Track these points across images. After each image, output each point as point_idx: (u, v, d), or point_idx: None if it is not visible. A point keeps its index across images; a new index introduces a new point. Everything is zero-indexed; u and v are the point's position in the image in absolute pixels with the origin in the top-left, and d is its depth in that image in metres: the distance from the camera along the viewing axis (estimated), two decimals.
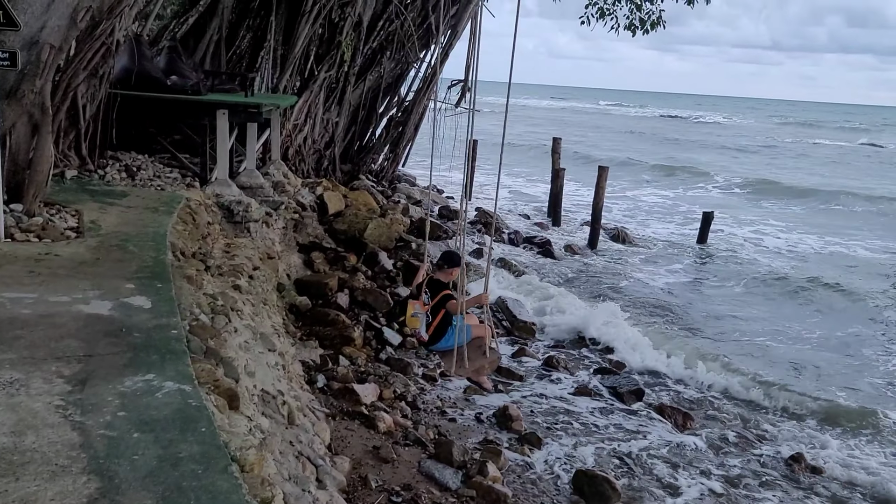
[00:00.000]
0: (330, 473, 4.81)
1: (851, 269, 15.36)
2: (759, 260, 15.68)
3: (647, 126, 60.14)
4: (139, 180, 8.49)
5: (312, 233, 11.21)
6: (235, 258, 7.42)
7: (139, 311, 4.36)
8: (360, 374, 7.33)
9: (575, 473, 5.98)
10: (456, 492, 5.40)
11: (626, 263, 14.49)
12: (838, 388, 8.69)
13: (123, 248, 5.74)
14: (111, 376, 3.43)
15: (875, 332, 11.17)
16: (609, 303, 10.91)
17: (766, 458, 6.88)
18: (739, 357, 9.49)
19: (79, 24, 6.31)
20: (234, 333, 5.07)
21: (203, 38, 12.22)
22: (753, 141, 50.20)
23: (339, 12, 13.41)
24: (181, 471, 2.74)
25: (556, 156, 18.98)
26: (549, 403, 7.60)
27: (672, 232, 18.40)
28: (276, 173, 11.57)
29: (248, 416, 3.89)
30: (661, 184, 27.25)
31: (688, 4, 14.24)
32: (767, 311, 11.97)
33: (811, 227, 20.29)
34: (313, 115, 14.04)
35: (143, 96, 9.02)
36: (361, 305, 9.34)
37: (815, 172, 33.60)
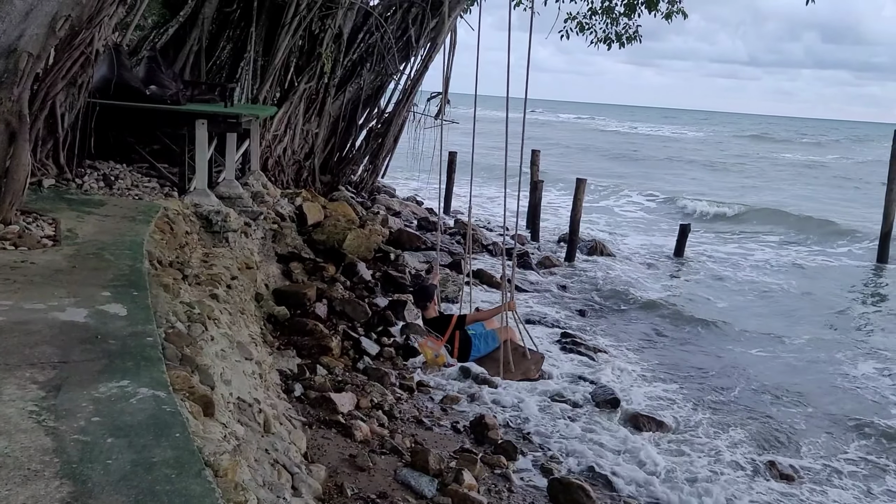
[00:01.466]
0: (306, 481, 4.83)
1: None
2: (741, 272, 15.95)
3: (606, 140, 60.75)
4: (117, 189, 8.48)
5: (291, 243, 11.23)
6: (213, 268, 7.42)
7: (115, 319, 4.37)
8: (337, 384, 7.35)
9: (550, 481, 6.03)
10: (432, 499, 5.43)
11: (605, 276, 14.62)
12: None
13: (100, 256, 5.74)
14: (85, 382, 3.44)
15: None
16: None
17: (743, 463, 6.98)
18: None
19: (58, 32, 6.32)
20: (211, 342, 5.08)
21: (183, 49, 12.25)
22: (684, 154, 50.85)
23: (319, 24, 13.51)
24: (154, 475, 2.76)
25: (534, 168, 19.14)
26: (526, 412, 7.65)
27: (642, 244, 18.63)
28: (256, 184, 11.59)
29: (223, 423, 3.91)
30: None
31: (665, 19, 14.52)
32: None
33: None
34: (293, 126, 14.09)
35: (121, 106, 9.01)
36: (340, 315, 9.37)
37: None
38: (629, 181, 31.66)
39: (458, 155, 19.37)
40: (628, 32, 14.84)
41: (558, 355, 9.56)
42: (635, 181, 31.94)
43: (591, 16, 14.73)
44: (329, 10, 13.46)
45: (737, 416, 8.10)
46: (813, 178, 39.36)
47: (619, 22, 14.74)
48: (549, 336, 10.27)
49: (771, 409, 8.42)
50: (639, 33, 14.86)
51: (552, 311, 11.64)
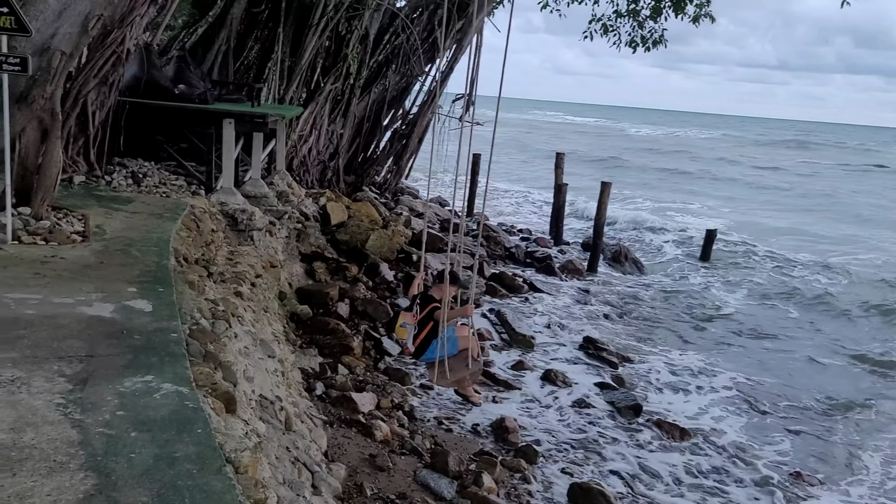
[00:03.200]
0: (325, 480, 4.85)
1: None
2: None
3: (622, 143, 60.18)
4: (145, 187, 8.59)
5: (315, 243, 11.29)
6: (238, 265, 7.49)
7: (140, 315, 4.42)
8: (358, 383, 7.38)
9: (570, 487, 6.00)
10: (451, 501, 5.43)
11: (628, 281, 14.50)
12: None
13: (127, 252, 5.82)
14: (111, 376, 3.49)
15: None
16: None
17: (767, 474, 6.89)
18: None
19: (90, 31, 6.42)
20: (234, 339, 5.12)
21: (212, 49, 12.37)
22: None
23: (345, 25, 13.57)
24: (176, 470, 2.79)
25: (559, 171, 19.01)
26: (547, 417, 7.62)
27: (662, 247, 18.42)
28: (281, 183, 11.67)
29: (245, 419, 3.94)
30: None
31: (693, 23, 14.37)
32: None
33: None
34: (318, 127, 14.17)
35: (151, 104, 9.13)
36: (361, 315, 9.39)
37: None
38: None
39: (481, 157, 19.34)
40: (654, 36, 14.71)
41: (581, 360, 9.50)
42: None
43: (617, 18, 14.62)
44: (356, 11, 13.51)
45: (770, 426, 7.99)
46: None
47: (645, 25, 14.61)
48: (572, 341, 10.21)
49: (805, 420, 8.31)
50: (664, 37, 14.71)
51: (575, 316, 11.56)
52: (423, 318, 6.07)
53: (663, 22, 14.45)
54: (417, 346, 6.11)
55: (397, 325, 6.15)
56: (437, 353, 6.06)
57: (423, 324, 6.06)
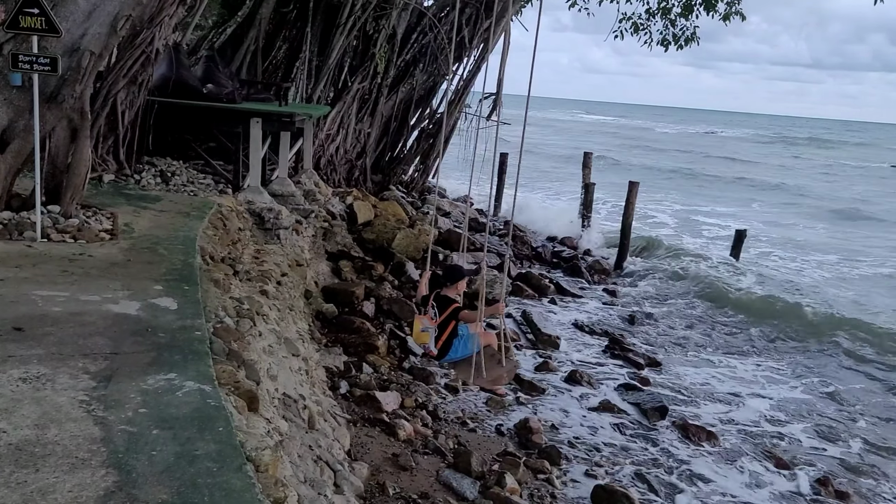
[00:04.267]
0: (348, 479, 4.85)
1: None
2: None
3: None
4: (173, 185, 8.69)
5: (341, 241, 11.34)
6: (264, 264, 7.54)
7: (165, 312, 4.46)
8: (382, 382, 7.38)
9: (594, 489, 5.93)
10: (473, 502, 5.40)
11: (655, 282, 14.31)
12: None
13: (154, 250, 5.88)
14: (135, 374, 3.51)
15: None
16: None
17: (792, 480, 6.74)
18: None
19: (119, 32, 6.50)
20: (259, 337, 5.15)
21: (240, 48, 12.49)
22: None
23: (373, 25, 13.60)
24: (197, 468, 2.79)
25: (586, 170, 18.86)
26: (571, 418, 7.55)
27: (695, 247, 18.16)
28: (308, 182, 11.74)
29: (267, 418, 3.94)
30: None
31: (723, 21, 14.15)
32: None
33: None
34: (346, 126, 14.23)
35: (179, 104, 9.23)
36: (387, 314, 9.40)
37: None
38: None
39: (509, 156, 19.27)
40: (686, 34, 14.51)
41: (606, 361, 9.40)
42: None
43: (649, 17, 14.44)
44: (383, 10, 13.54)
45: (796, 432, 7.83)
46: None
47: (677, 23, 14.42)
48: (598, 342, 10.11)
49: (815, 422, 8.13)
50: (696, 35, 14.51)
51: (601, 316, 11.46)
52: (444, 321, 6.02)
53: (694, 19, 14.25)
54: (440, 348, 6.07)
55: (416, 331, 6.10)
56: (460, 353, 6.03)
57: (444, 325, 6.03)
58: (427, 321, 5.99)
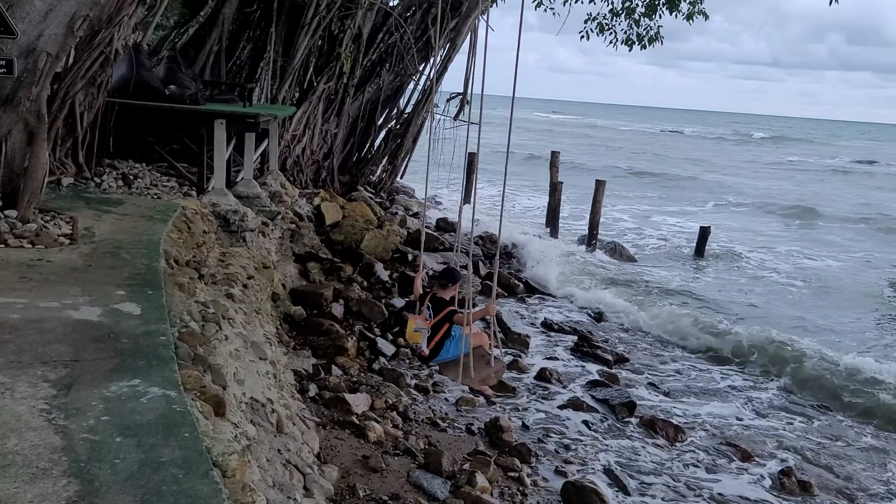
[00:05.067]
0: (318, 482, 4.81)
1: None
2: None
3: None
4: (136, 188, 8.53)
5: (309, 243, 11.25)
6: (230, 267, 7.44)
7: (128, 318, 4.38)
8: (352, 384, 7.34)
9: (563, 485, 5.97)
10: (444, 502, 5.39)
11: (623, 278, 14.50)
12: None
13: (116, 255, 5.77)
14: (97, 381, 3.44)
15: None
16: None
17: (756, 472, 6.87)
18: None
19: (76, 32, 6.37)
20: (225, 341, 5.08)
21: (203, 49, 12.31)
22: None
23: (338, 24, 13.53)
24: (162, 475, 2.74)
25: (554, 169, 19.02)
26: (541, 416, 7.59)
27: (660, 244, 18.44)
28: (274, 183, 11.63)
29: (234, 422, 3.89)
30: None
31: (687, 20, 14.36)
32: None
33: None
34: (312, 126, 14.13)
35: (141, 105, 9.07)
36: (356, 316, 9.36)
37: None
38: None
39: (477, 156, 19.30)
40: (650, 33, 14.69)
41: (575, 359, 9.48)
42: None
43: (613, 17, 14.60)
44: (349, 10, 13.47)
45: (760, 422, 7.97)
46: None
47: (641, 23, 14.59)
48: (566, 339, 10.19)
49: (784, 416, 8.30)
50: (660, 34, 14.70)
51: (569, 314, 11.54)
52: (437, 322, 6.07)
53: (658, 19, 14.44)
54: (432, 348, 6.10)
55: (410, 331, 6.13)
56: (451, 353, 6.09)
57: (438, 327, 6.08)
58: (421, 322, 6.03)
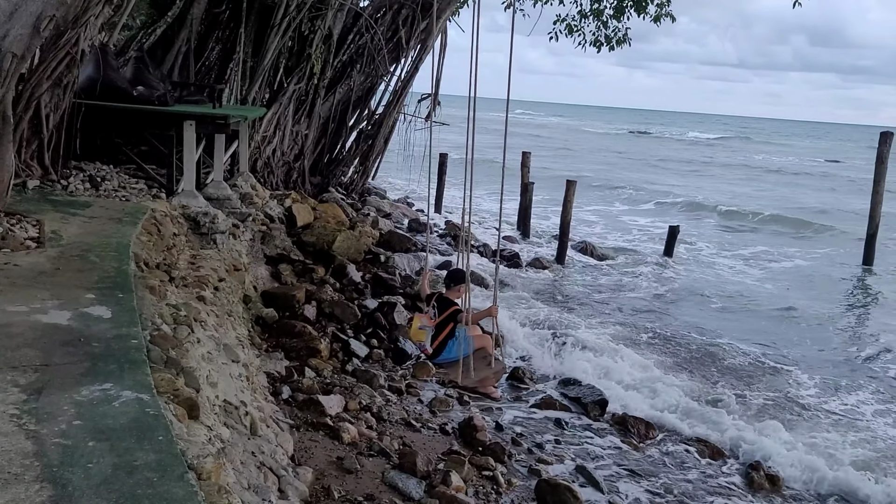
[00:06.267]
0: (292, 483, 4.81)
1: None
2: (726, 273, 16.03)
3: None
4: (104, 191, 8.42)
5: (280, 245, 11.19)
6: (201, 269, 7.38)
7: (99, 321, 4.33)
8: (325, 386, 7.33)
9: (537, 483, 6.03)
10: (419, 501, 5.42)
11: (595, 276, 14.66)
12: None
13: (85, 258, 5.69)
14: (67, 385, 3.41)
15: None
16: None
17: (726, 467, 7.01)
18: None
19: (42, 33, 6.27)
20: (197, 344, 5.05)
21: (171, 49, 12.18)
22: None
23: (308, 25, 13.46)
24: (136, 479, 2.73)
25: (525, 170, 19.16)
26: (514, 415, 7.66)
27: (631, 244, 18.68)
28: (244, 185, 11.54)
29: (208, 425, 3.88)
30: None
31: (654, 22, 14.58)
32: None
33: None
34: (282, 128, 14.05)
35: (108, 106, 8.95)
36: (329, 317, 9.33)
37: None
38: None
39: (448, 157, 19.40)
40: (618, 35, 14.90)
41: (548, 356, 9.55)
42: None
43: (581, 19, 14.77)
44: (319, 11, 13.42)
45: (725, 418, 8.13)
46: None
47: (609, 24, 14.78)
48: (538, 337, 10.26)
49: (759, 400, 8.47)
50: (628, 36, 14.91)
51: (541, 312, 11.63)
52: (442, 321, 6.16)
53: (626, 21, 14.64)
54: (435, 347, 6.18)
55: (414, 328, 6.24)
56: (453, 354, 6.17)
57: (442, 326, 6.16)
58: (426, 320, 6.10)
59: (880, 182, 17.15)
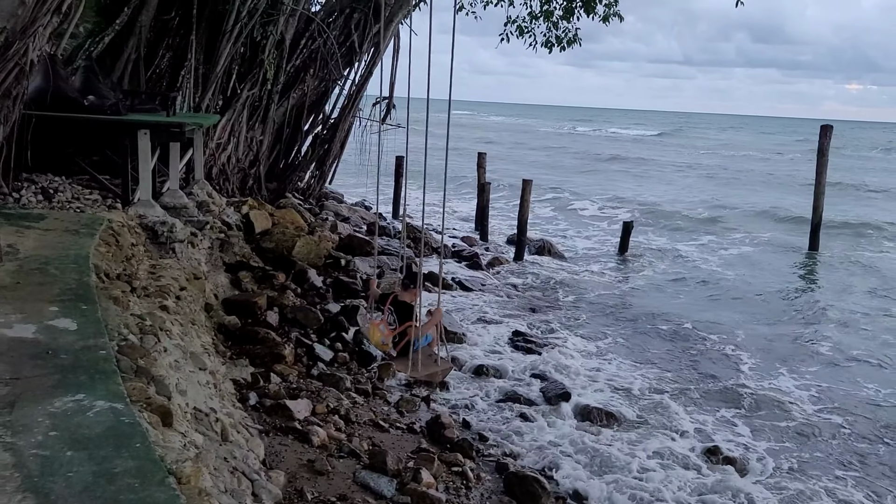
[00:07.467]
0: (266, 487, 4.84)
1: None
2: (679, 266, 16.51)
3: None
4: (57, 202, 8.29)
5: (239, 252, 11.11)
6: (161, 279, 7.34)
7: (65, 333, 4.32)
8: (292, 391, 7.34)
9: (506, 476, 6.18)
10: (391, 499, 5.51)
11: (553, 274, 14.92)
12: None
13: (45, 271, 5.63)
14: (40, 397, 3.41)
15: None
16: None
17: (687, 452, 7.26)
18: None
19: None
20: (164, 353, 5.05)
21: (120, 58, 11.99)
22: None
23: (261, 31, 13.40)
24: (117, 485, 2.77)
25: (481, 170, 19.36)
26: (481, 411, 7.80)
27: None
28: (201, 193, 11.44)
29: (182, 432, 3.92)
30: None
31: (603, 22, 14.90)
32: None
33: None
34: (237, 134, 13.94)
35: (59, 117, 8.80)
36: (292, 323, 9.33)
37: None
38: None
39: (405, 160, 19.45)
40: (568, 36, 15.18)
41: (511, 353, 9.73)
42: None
43: (532, 20, 15.01)
44: (270, 16, 13.37)
45: (684, 404, 8.41)
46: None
47: (559, 25, 15.05)
48: (501, 334, 10.43)
49: (710, 388, 8.79)
50: (578, 36, 15.21)
51: (502, 310, 11.81)
52: (401, 333, 6.31)
53: (576, 22, 14.93)
54: (399, 350, 6.32)
55: (378, 340, 6.34)
56: (417, 347, 6.33)
57: (402, 334, 6.31)
58: (385, 329, 6.19)
59: (822, 174, 17.82)
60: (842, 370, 10.03)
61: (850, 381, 9.61)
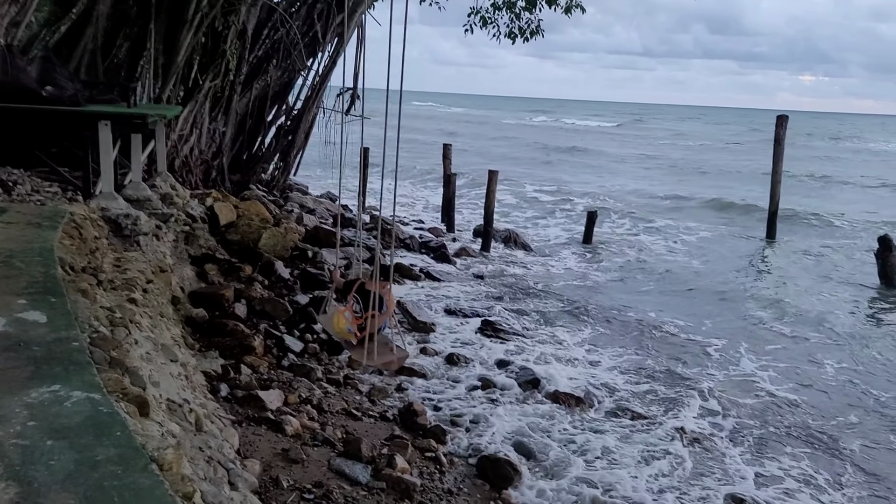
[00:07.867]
0: (241, 476, 4.85)
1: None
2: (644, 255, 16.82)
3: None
4: (17, 195, 8.11)
5: (205, 244, 11.02)
6: (127, 272, 7.24)
7: (35, 326, 4.26)
8: (263, 382, 7.34)
9: (479, 459, 6.28)
10: (366, 485, 5.57)
11: (520, 264, 15.08)
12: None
13: (9, 264, 5.53)
14: (15, 389, 3.38)
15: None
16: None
17: (655, 430, 7.46)
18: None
19: None
20: (136, 345, 5.02)
21: (77, 47, 11.73)
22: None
23: (222, 21, 13.22)
24: (100, 472, 2.77)
25: (447, 161, 19.41)
26: (452, 398, 7.88)
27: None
28: (164, 185, 11.28)
29: (159, 422, 3.91)
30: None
31: (565, 13, 15.06)
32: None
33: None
34: (199, 126, 13.76)
35: (15, 108, 8.59)
36: (260, 315, 9.30)
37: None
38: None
39: (370, 151, 19.39)
40: (531, 26, 15.30)
41: (481, 342, 9.84)
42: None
43: (495, 11, 15.10)
44: (232, 6, 13.19)
45: (651, 389, 8.62)
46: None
47: (522, 16, 15.18)
48: (470, 324, 10.54)
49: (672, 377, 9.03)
50: (541, 27, 15.34)
51: (471, 301, 11.92)
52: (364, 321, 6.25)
53: (538, 13, 15.06)
54: (360, 339, 6.29)
55: (343, 329, 6.25)
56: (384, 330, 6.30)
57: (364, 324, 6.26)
58: (350, 317, 6.14)
59: (778, 163, 18.29)
60: (800, 350, 10.38)
61: (807, 360, 9.94)
